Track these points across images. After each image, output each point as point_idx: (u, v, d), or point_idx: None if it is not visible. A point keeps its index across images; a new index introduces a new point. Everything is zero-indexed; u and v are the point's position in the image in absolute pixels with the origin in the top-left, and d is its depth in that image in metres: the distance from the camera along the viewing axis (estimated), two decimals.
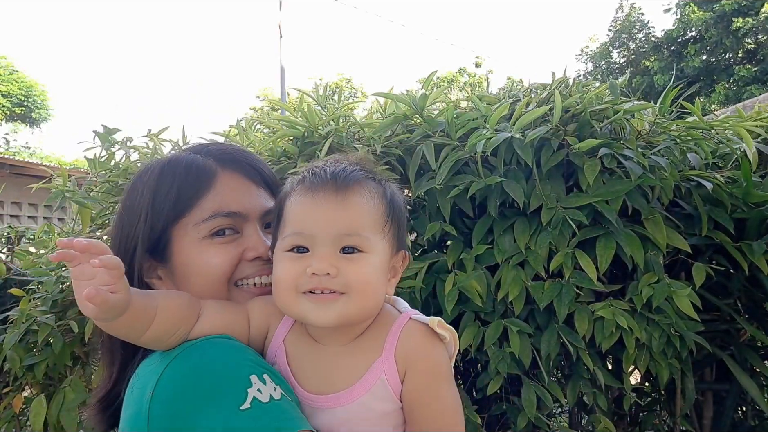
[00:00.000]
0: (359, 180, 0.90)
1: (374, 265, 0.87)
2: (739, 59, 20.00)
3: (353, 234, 0.86)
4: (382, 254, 0.89)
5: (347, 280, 0.84)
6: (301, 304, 0.86)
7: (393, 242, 0.91)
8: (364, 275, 0.86)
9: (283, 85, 13.52)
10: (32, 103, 21.83)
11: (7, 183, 7.90)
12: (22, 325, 2.21)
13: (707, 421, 2.25)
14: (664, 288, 1.78)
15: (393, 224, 0.91)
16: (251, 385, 0.78)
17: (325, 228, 0.85)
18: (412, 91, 2.59)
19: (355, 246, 0.86)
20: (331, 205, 0.86)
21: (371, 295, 0.87)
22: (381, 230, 0.89)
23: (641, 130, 2.06)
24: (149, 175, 1.00)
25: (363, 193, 0.89)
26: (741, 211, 1.96)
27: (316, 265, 0.84)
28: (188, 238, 0.96)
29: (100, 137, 2.40)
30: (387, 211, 0.90)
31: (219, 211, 0.97)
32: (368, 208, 0.88)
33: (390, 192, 0.94)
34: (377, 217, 0.89)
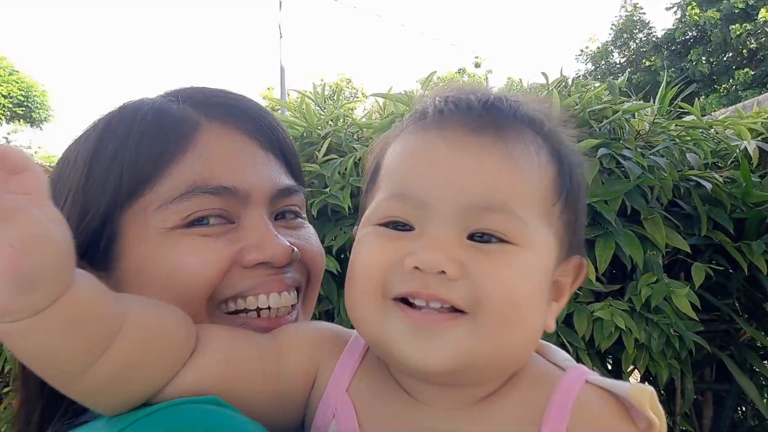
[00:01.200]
0: (526, 120, 0.52)
1: (530, 269, 0.49)
2: (741, 60, 20.00)
3: (497, 208, 0.48)
4: (545, 253, 0.51)
5: (479, 289, 0.47)
6: (388, 323, 0.48)
7: (564, 238, 0.53)
8: (512, 285, 0.47)
9: (283, 85, 13.54)
10: (32, 104, 21.87)
11: None
12: None
13: (707, 421, 2.25)
14: (662, 288, 1.78)
15: (567, 208, 0.53)
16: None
17: (450, 190, 0.48)
18: (412, 91, 2.60)
19: (497, 232, 0.48)
20: (468, 150, 0.48)
21: (521, 324, 0.48)
22: (547, 212, 0.51)
23: (640, 130, 2.06)
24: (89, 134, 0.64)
25: (527, 143, 0.50)
26: (740, 211, 1.96)
27: (422, 255, 0.47)
28: (147, 229, 0.59)
29: None
30: (560, 182, 0.52)
31: (200, 186, 0.59)
32: (532, 168, 0.50)
33: (568, 158, 0.55)
34: (543, 185, 0.51)
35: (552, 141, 0.54)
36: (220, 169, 0.60)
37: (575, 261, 0.55)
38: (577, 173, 0.56)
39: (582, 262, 0.56)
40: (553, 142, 0.54)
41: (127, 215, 0.60)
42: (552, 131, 0.55)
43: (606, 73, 23.01)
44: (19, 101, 21.46)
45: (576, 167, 0.56)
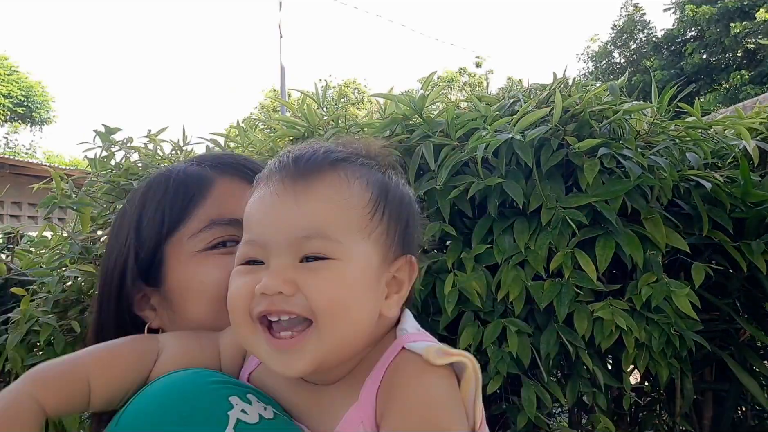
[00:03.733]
0: (331, 163, 0.67)
1: (348, 277, 0.63)
2: (738, 59, 19.99)
3: (314, 236, 0.63)
4: (363, 261, 0.65)
5: (310, 299, 0.62)
6: (258, 342, 0.65)
7: (386, 244, 0.67)
8: (331, 291, 0.62)
9: (284, 84, 13.55)
10: (33, 104, 21.87)
11: (7, 183, 7.91)
12: (24, 325, 2.21)
13: (707, 421, 2.25)
14: (663, 288, 1.78)
15: (385, 220, 0.67)
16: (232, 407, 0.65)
17: (279, 230, 0.64)
18: (412, 91, 2.60)
19: (319, 252, 0.63)
20: (287, 198, 0.64)
21: (349, 322, 0.63)
22: (361, 228, 0.65)
23: (640, 130, 2.07)
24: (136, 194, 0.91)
25: (333, 181, 0.66)
26: (740, 210, 1.97)
27: (265, 281, 0.62)
28: (184, 254, 0.84)
29: (101, 136, 2.41)
30: (373, 201, 0.67)
31: (217, 219, 0.84)
32: (339, 199, 0.65)
33: (383, 180, 0.70)
34: (354, 210, 0.65)
35: (366, 172, 0.69)
36: (229, 207, 0.85)
37: (404, 259, 0.70)
38: (396, 191, 0.72)
39: (411, 259, 0.71)
40: (368, 172, 0.69)
41: (170, 245, 0.85)
42: (365, 164, 0.70)
43: (607, 73, 23.02)
44: (19, 101, 21.46)
45: (395, 187, 0.72)
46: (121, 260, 0.87)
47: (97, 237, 2.43)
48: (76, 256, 2.33)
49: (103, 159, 2.41)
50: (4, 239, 3.67)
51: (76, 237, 2.33)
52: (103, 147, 2.42)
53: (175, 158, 2.56)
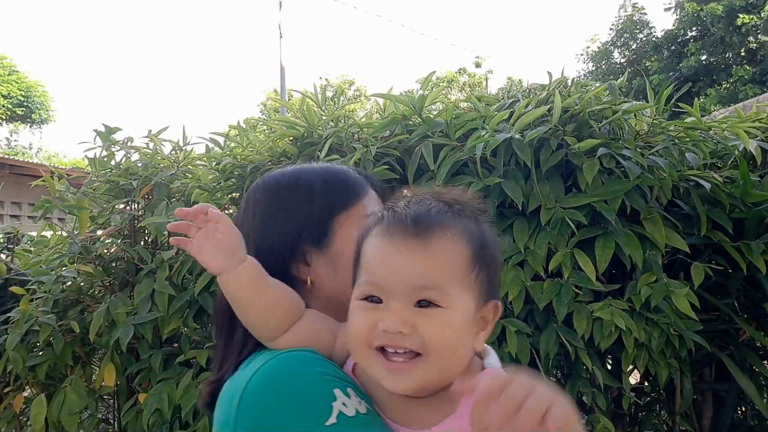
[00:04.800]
0: (443, 222, 0.79)
1: (454, 323, 0.77)
2: (740, 58, 19.99)
3: (430, 288, 0.76)
4: (465, 308, 0.78)
5: (424, 339, 0.75)
6: (374, 366, 0.78)
7: (481, 292, 0.80)
8: (442, 334, 0.76)
9: (284, 84, 13.55)
10: (32, 104, 21.86)
11: (7, 183, 7.90)
12: (24, 325, 2.21)
13: (707, 421, 2.25)
14: (662, 288, 1.78)
15: (482, 272, 0.80)
16: (335, 398, 0.76)
17: (400, 279, 0.77)
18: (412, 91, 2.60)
19: (432, 300, 0.76)
20: (407, 253, 0.77)
21: (453, 357, 0.78)
22: (465, 281, 0.78)
23: (640, 131, 2.07)
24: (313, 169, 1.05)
25: (445, 239, 0.78)
26: (739, 210, 1.97)
27: (387, 321, 0.76)
28: (350, 230, 0.96)
29: (101, 136, 2.41)
30: (475, 256, 0.80)
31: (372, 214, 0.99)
32: (450, 257, 0.78)
33: (480, 233, 0.82)
34: (461, 265, 0.78)
35: (472, 225, 0.82)
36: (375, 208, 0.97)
37: (492, 304, 0.83)
38: (490, 243, 0.83)
39: (497, 303, 0.83)
40: (468, 226, 0.81)
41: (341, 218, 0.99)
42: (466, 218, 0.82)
43: (607, 73, 23.00)
44: (19, 101, 21.45)
45: (489, 238, 0.83)
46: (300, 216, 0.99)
47: (97, 237, 2.44)
48: (75, 256, 2.33)
49: (104, 159, 2.41)
50: (4, 239, 3.67)
51: (75, 237, 2.33)
52: (104, 147, 2.42)
53: (175, 158, 2.56)
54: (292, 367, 0.81)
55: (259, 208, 1.04)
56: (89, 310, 2.40)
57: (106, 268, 2.37)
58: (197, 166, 2.52)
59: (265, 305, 0.87)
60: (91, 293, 2.50)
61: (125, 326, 2.08)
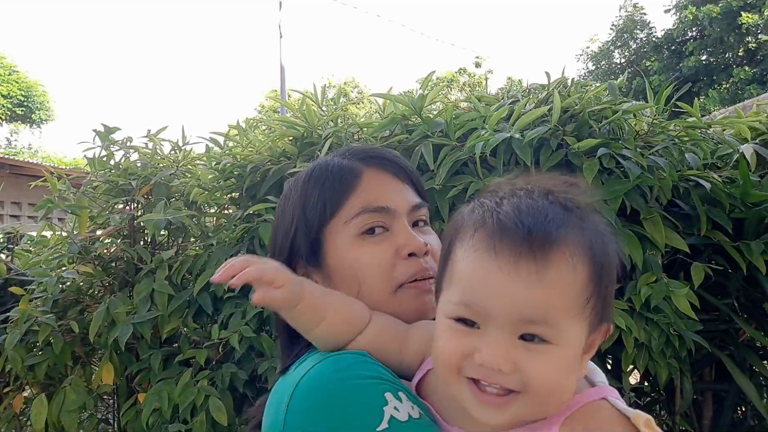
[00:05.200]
0: (564, 238, 0.65)
1: (563, 362, 0.66)
2: (739, 59, 19.98)
3: (539, 321, 0.64)
4: (575, 343, 0.66)
5: (527, 378, 0.64)
6: (463, 392, 0.69)
7: (594, 320, 0.68)
8: (548, 375, 0.64)
9: (284, 84, 13.55)
10: (33, 104, 21.86)
11: (7, 183, 7.90)
12: (23, 325, 2.21)
13: (707, 421, 2.25)
14: (662, 288, 1.78)
15: (597, 297, 0.67)
16: (387, 403, 0.73)
17: (506, 308, 0.65)
18: (412, 91, 2.60)
19: (540, 335, 0.65)
20: (516, 278, 0.64)
21: (556, 397, 0.67)
22: (579, 312, 0.66)
23: (640, 131, 2.07)
24: (298, 183, 1.02)
25: (564, 262, 0.64)
26: (739, 210, 1.96)
27: (485, 356, 0.65)
28: (340, 238, 0.94)
29: (100, 136, 2.41)
30: (593, 280, 0.66)
31: (367, 207, 0.94)
32: (569, 286, 0.65)
33: (603, 247, 0.68)
34: (576, 294, 0.65)
35: (589, 241, 0.67)
36: (377, 196, 0.96)
37: (604, 327, 0.71)
38: (610, 260, 0.69)
39: (609, 327, 0.72)
40: (590, 241, 0.67)
41: (329, 230, 0.95)
42: (587, 228, 0.68)
43: (607, 73, 23.01)
44: (19, 101, 21.46)
45: (609, 255, 0.69)
46: (288, 241, 0.98)
47: (97, 237, 2.44)
48: (75, 256, 2.33)
49: (103, 159, 2.40)
50: (4, 239, 3.67)
51: (75, 237, 2.33)
52: (103, 146, 2.42)
53: (174, 158, 2.56)
54: (343, 370, 0.80)
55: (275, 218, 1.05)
56: (89, 310, 2.40)
57: (105, 268, 2.37)
58: (197, 165, 2.51)
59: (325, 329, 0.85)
60: (90, 293, 2.50)
61: (124, 325, 2.08)
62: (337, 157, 1.04)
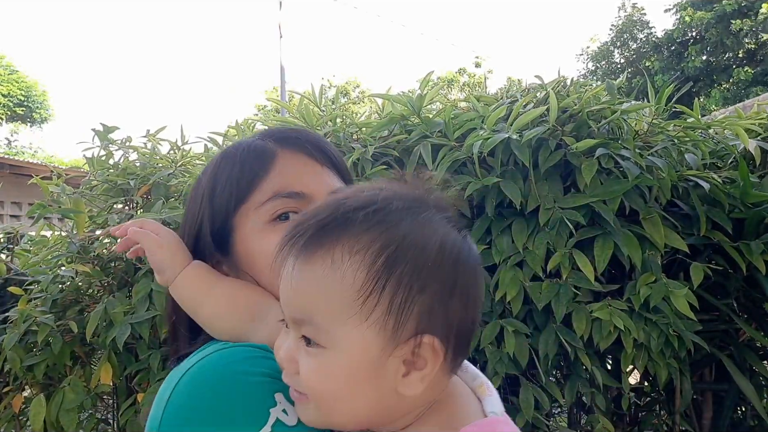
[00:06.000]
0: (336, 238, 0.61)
1: (337, 367, 0.60)
2: (740, 59, 19.97)
3: (305, 321, 0.62)
4: (356, 349, 0.60)
5: (301, 381, 0.63)
6: None
7: (392, 325, 0.60)
8: (316, 380, 0.61)
9: (284, 84, 13.56)
10: (32, 104, 21.88)
11: (7, 183, 7.90)
12: (22, 325, 2.21)
13: (706, 421, 2.25)
14: (661, 288, 1.78)
15: (386, 298, 0.59)
16: (275, 404, 0.66)
17: (285, 307, 0.65)
18: (412, 91, 2.60)
19: (312, 338, 0.62)
20: (286, 279, 0.64)
21: (340, 408, 0.62)
22: (352, 314, 0.59)
23: (639, 130, 2.07)
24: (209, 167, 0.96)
25: (325, 259, 0.61)
26: (739, 211, 1.96)
27: (279, 356, 0.66)
28: (249, 225, 0.88)
29: (99, 135, 2.41)
30: (372, 278, 0.59)
31: (280, 192, 0.87)
32: (327, 283, 0.60)
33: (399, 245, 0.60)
34: (344, 294, 0.60)
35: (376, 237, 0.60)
36: (292, 180, 0.89)
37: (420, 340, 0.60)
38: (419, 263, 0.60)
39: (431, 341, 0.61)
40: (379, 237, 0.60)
41: (238, 217, 0.89)
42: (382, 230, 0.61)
43: (607, 73, 23.00)
44: (19, 101, 21.47)
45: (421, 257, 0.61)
46: (195, 228, 0.92)
47: (96, 237, 2.43)
48: (74, 255, 2.32)
49: (102, 158, 2.40)
50: (4, 239, 3.67)
51: (74, 236, 2.32)
52: (102, 146, 2.42)
53: (173, 157, 2.56)
54: (234, 363, 0.71)
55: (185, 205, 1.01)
56: (88, 310, 2.39)
57: (104, 268, 2.37)
58: (196, 165, 2.51)
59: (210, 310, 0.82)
60: (90, 293, 2.50)
61: (122, 325, 2.08)
62: (252, 138, 0.97)
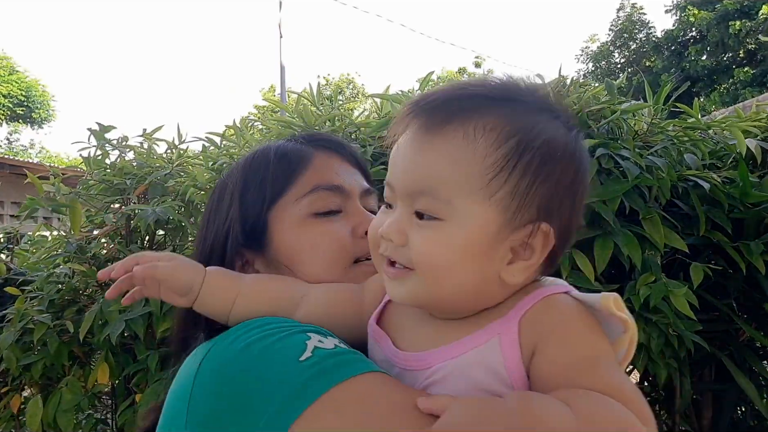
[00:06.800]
0: (469, 111, 0.62)
1: (452, 239, 0.62)
2: (740, 60, 19.97)
3: (426, 192, 0.62)
4: (477, 223, 0.61)
5: (412, 254, 0.64)
6: (380, 268, 0.70)
7: (513, 207, 0.61)
8: (430, 250, 0.62)
9: (284, 84, 13.56)
10: (33, 103, 21.88)
11: (7, 183, 7.89)
12: (19, 324, 2.20)
13: (706, 421, 2.24)
14: (661, 287, 1.77)
15: (513, 180, 0.61)
16: (309, 338, 0.68)
17: (401, 180, 0.65)
18: (412, 91, 2.59)
19: (428, 210, 0.63)
20: (411, 150, 0.64)
21: (448, 282, 0.63)
22: (477, 189, 0.61)
23: (639, 130, 2.06)
24: (237, 167, 0.96)
25: (457, 134, 0.61)
26: (738, 211, 1.96)
27: (384, 228, 0.66)
28: (289, 219, 0.89)
29: (95, 135, 2.40)
30: (503, 158, 0.61)
31: (321, 184, 0.90)
32: (457, 156, 0.61)
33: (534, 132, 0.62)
34: (474, 169, 0.61)
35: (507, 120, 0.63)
36: (332, 175, 0.92)
37: (539, 226, 0.63)
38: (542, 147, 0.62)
39: (545, 228, 0.64)
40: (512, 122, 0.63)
41: (274, 211, 0.90)
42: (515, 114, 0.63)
43: (607, 73, 23.00)
44: (19, 101, 21.47)
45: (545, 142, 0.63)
46: (223, 230, 0.92)
47: (93, 236, 2.43)
48: (71, 255, 2.32)
49: (98, 158, 2.40)
50: (4, 239, 3.67)
51: (71, 236, 2.32)
52: (98, 146, 2.41)
53: (170, 157, 2.55)
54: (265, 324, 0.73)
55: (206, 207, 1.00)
56: (86, 310, 2.39)
57: (101, 267, 2.36)
58: (194, 165, 2.51)
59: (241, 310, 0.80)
60: (88, 293, 2.50)
61: (117, 322, 2.07)
62: (282, 142, 0.99)
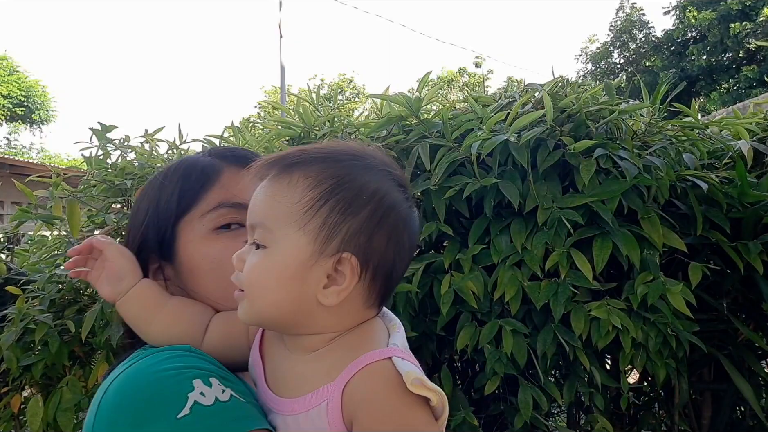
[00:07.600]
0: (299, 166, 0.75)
1: (272, 262, 0.73)
2: (740, 60, 19.97)
3: (259, 225, 0.75)
4: (290, 250, 0.72)
5: (242, 276, 0.76)
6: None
7: (323, 237, 0.72)
8: (250, 273, 0.74)
9: (284, 84, 13.56)
10: (33, 104, 21.87)
11: (7, 183, 7.90)
12: (19, 324, 2.21)
13: (705, 421, 2.25)
14: (658, 285, 1.78)
15: (322, 214, 0.72)
16: (193, 389, 0.72)
17: (248, 216, 0.78)
18: (411, 91, 2.60)
19: (259, 240, 0.74)
20: (257, 192, 0.78)
21: (260, 298, 0.74)
22: (295, 221, 0.72)
23: (637, 130, 2.07)
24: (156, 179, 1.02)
25: (282, 181, 0.75)
26: (737, 210, 1.96)
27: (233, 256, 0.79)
28: (194, 233, 0.94)
29: (97, 134, 2.41)
30: (317, 196, 0.72)
31: (225, 202, 0.95)
32: (285, 195, 0.73)
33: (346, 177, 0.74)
34: (290, 204, 0.73)
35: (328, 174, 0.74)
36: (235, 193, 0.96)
37: (343, 256, 0.73)
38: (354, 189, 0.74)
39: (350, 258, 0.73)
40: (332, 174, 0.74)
41: (183, 224, 0.95)
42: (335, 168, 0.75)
43: (606, 73, 23.00)
44: (19, 101, 21.46)
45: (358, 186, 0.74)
46: (139, 234, 0.97)
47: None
48: None
49: (100, 158, 2.40)
50: (4, 239, 3.67)
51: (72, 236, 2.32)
52: (99, 146, 2.42)
53: (171, 157, 2.56)
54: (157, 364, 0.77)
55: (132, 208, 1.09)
56: (87, 310, 2.39)
57: None
58: None
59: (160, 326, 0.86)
60: (89, 293, 2.50)
61: (118, 324, 2.08)
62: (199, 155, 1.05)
